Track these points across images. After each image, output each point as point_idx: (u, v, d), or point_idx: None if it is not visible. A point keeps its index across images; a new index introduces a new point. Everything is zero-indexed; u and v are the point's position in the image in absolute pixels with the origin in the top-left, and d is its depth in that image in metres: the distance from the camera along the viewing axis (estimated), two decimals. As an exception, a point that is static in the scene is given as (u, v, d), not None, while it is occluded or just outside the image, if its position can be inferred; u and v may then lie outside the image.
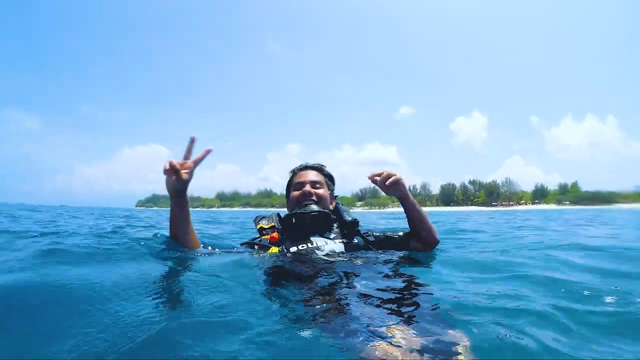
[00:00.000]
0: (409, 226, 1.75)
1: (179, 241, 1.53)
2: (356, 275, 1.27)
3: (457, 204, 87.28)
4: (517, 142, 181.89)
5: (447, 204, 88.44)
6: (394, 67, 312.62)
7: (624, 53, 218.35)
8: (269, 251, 1.60)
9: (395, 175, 1.56)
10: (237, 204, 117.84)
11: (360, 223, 1.77)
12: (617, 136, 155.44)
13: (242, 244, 1.79)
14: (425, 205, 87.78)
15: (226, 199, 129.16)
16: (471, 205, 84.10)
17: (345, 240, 1.64)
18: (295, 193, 1.74)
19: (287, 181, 1.89)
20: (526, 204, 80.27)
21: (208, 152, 1.48)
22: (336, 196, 1.92)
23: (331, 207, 1.79)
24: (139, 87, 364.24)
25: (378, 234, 1.78)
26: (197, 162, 1.45)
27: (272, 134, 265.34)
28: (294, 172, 1.86)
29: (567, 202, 71.02)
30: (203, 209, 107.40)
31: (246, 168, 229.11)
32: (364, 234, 1.75)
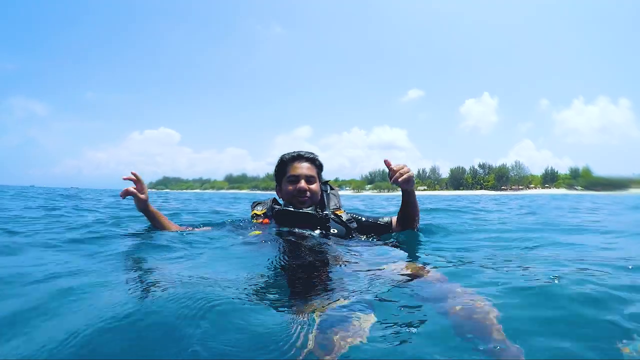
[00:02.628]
0: (402, 217, 1.89)
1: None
2: (335, 255, 1.43)
3: (467, 187, 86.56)
4: (527, 125, 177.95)
5: (456, 187, 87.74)
6: (404, 50, 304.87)
7: (638, 34, 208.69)
8: (250, 234, 1.74)
9: (410, 171, 1.68)
10: (245, 187, 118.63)
11: (344, 208, 1.96)
12: (629, 119, 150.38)
13: (228, 222, 2.09)
14: (435, 189, 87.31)
15: (234, 182, 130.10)
16: (480, 189, 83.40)
17: (324, 232, 1.74)
18: (290, 187, 1.83)
19: (277, 166, 1.94)
20: (536, 188, 79.33)
21: (134, 174, 1.88)
22: (326, 182, 2.03)
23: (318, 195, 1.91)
24: (147, 71, 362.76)
25: (363, 219, 1.94)
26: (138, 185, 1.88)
27: (281, 117, 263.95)
28: (287, 161, 1.90)
29: (579, 187, 69.89)
30: (213, 190, 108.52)
31: (254, 152, 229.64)
32: (347, 220, 1.88)
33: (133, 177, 1.85)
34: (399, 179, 1.65)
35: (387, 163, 1.69)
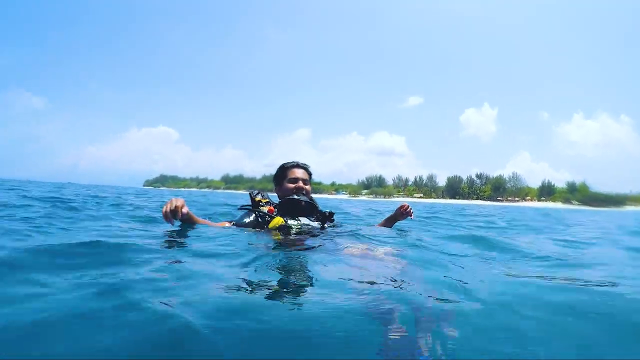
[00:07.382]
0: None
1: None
2: (331, 240, 1.84)
3: (463, 197, 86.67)
4: (526, 137, 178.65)
5: (452, 196, 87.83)
6: (405, 56, 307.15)
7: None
8: (274, 221, 2.02)
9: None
10: (241, 187, 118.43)
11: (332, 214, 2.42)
12: (629, 136, 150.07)
13: (243, 207, 2.23)
14: (431, 197, 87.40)
15: (231, 182, 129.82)
16: (477, 199, 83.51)
17: (320, 224, 2.21)
18: (290, 185, 2.28)
19: (277, 172, 2.39)
20: (532, 200, 79.51)
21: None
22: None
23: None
24: (148, 69, 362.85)
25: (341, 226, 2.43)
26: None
27: (279, 119, 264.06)
28: (287, 167, 2.36)
29: (575, 202, 69.99)
30: (209, 189, 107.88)
31: (252, 153, 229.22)
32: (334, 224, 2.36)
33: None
34: (411, 214, 2.51)
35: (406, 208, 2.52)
